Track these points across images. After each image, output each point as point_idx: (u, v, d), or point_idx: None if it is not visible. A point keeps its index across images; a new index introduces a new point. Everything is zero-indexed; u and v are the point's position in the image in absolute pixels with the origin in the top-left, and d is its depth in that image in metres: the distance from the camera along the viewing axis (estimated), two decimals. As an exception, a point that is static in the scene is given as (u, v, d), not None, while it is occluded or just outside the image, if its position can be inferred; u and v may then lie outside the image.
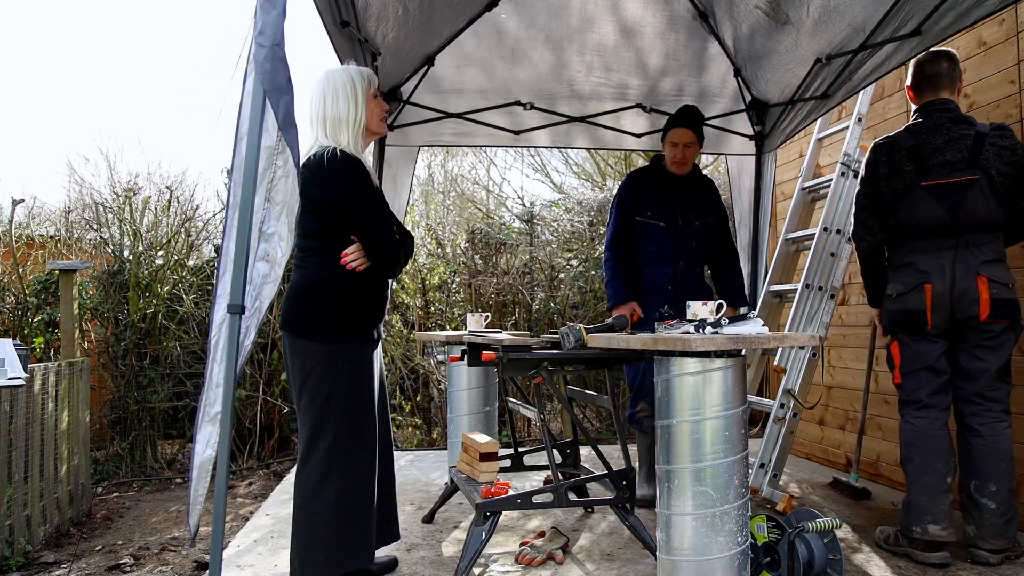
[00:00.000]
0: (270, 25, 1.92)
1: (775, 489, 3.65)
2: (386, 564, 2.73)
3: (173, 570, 3.11)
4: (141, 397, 5.16)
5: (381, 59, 3.33)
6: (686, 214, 3.51)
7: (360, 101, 2.42)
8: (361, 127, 2.43)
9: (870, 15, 3.02)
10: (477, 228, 6.54)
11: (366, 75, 2.46)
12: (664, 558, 2.15)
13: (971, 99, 3.40)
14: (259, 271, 1.99)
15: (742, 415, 2.13)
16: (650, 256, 3.52)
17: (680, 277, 3.48)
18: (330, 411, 2.33)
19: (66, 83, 24.08)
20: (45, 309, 5.18)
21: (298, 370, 2.37)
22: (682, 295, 3.30)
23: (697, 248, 3.53)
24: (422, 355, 5.90)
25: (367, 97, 2.44)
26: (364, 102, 2.43)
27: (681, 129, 3.45)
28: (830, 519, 2.33)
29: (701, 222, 3.53)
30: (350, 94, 2.40)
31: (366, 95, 2.44)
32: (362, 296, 2.41)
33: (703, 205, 3.56)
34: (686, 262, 3.50)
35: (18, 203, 5.57)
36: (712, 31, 3.67)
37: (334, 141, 2.37)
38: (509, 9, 3.57)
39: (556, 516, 3.45)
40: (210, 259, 5.76)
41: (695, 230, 3.51)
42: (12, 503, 3.23)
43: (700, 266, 3.62)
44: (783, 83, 3.75)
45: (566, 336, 2.63)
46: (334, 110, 2.38)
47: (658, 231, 3.49)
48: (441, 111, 4.02)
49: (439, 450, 5.38)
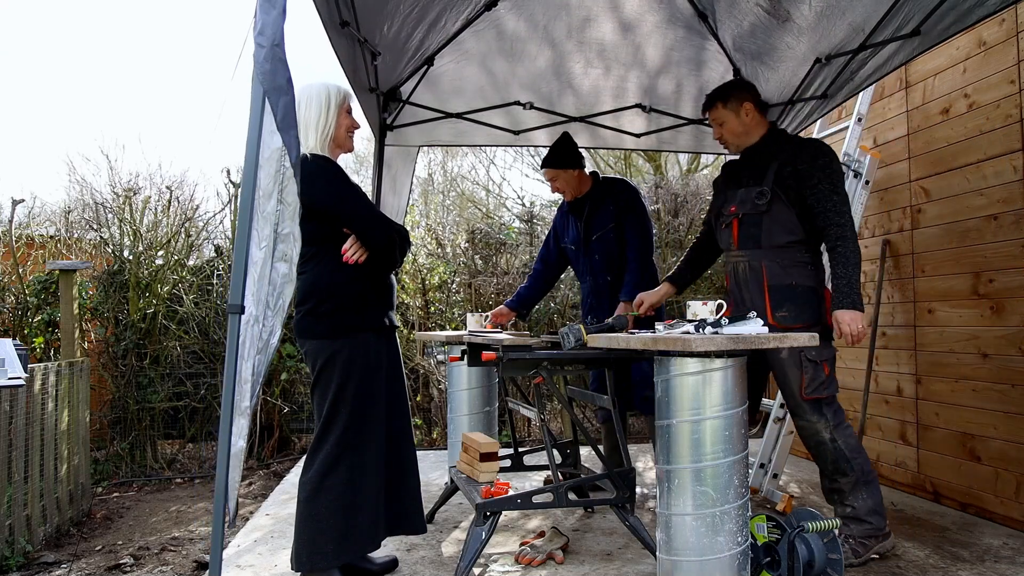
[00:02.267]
0: (270, 25, 1.92)
1: (775, 489, 3.65)
2: (386, 564, 2.73)
3: (173, 570, 3.11)
4: (141, 397, 5.16)
5: (381, 59, 3.33)
6: (588, 233, 3.75)
7: (332, 111, 2.53)
8: (329, 135, 2.53)
9: (870, 14, 3.02)
10: (477, 228, 6.54)
11: (342, 91, 2.58)
12: (664, 558, 2.14)
13: (971, 99, 3.40)
14: (279, 271, 2.02)
15: (742, 415, 2.13)
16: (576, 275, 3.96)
17: (594, 290, 3.74)
18: (338, 405, 2.44)
19: (67, 83, 24.09)
20: (45, 309, 5.18)
21: (311, 369, 2.50)
22: (598, 306, 3.67)
23: (600, 261, 3.72)
24: (422, 355, 5.90)
25: (339, 110, 2.55)
26: (335, 114, 2.53)
27: (544, 170, 3.74)
28: (830, 519, 2.33)
29: (597, 236, 3.71)
30: (322, 103, 2.51)
31: (339, 108, 2.55)
32: (362, 291, 2.51)
33: (599, 219, 3.72)
34: (593, 276, 3.74)
35: (18, 203, 5.58)
36: (711, 31, 3.67)
37: (304, 146, 2.46)
38: (508, 8, 3.57)
39: (556, 516, 3.45)
40: (210, 259, 5.76)
41: (592, 245, 3.72)
42: (12, 503, 3.23)
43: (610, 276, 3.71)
44: (783, 83, 3.75)
45: (566, 336, 2.63)
46: (305, 116, 2.48)
47: (571, 253, 3.85)
48: (440, 111, 4.02)
49: (439, 450, 5.38)
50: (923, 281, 3.71)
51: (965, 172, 3.42)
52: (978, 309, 3.35)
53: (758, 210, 2.81)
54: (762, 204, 2.80)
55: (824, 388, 2.74)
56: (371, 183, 3.99)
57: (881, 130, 4.05)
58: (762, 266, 2.82)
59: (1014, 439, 3.15)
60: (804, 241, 2.80)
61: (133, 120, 20.09)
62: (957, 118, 3.48)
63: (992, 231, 3.27)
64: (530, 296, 3.94)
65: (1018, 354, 3.13)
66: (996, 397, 3.24)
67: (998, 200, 3.23)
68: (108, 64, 26.66)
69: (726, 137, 2.98)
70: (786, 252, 2.80)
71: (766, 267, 2.81)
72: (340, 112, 2.55)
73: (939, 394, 3.59)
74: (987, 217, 3.29)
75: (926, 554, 2.88)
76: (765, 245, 2.82)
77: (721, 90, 2.98)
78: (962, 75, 3.46)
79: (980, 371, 3.33)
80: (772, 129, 2.95)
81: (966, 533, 3.13)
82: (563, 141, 3.72)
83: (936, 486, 3.63)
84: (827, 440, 2.75)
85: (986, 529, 3.17)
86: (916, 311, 3.75)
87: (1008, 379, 3.18)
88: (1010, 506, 3.17)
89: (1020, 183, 3.11)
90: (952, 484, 3.52)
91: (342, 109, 2.56)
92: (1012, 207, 3.15)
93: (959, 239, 3.46)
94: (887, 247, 3.94)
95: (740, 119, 2.92)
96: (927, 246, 3.67)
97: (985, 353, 3.30)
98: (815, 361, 2.73)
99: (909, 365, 3.79)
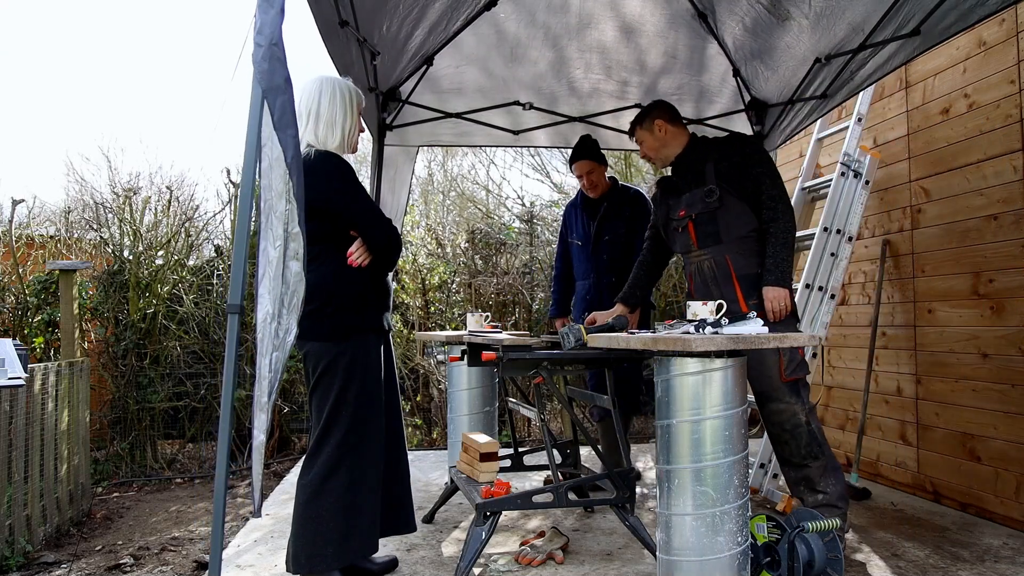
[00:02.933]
0: (268, 24, 1.92)
1: (775, 489, 3.65)
2: (386, 564, 2.73)
3: (173, 570, 3.11)
4: (141, 397, 5.16)
5: (380, 58, 3.33)
6: (600, 232, 3.81)
7: (354, 113, 2.54)
8: (352, 136, 2.54)
9: (870, 14, 3.02)
10: (477, 228, 6.54)
11: (360, 93, 2.59)
12: (664, 558, 2.14)
13: (971, 99, 3.40)
14: (292, 270, 2.03)
15: (742, 415, 2.13)
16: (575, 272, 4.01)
17: (596, 288, 3.81)
18: (340, 408, 2.42)
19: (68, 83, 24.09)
20: (45, 309, 5.17)
21: (310, 371, 2.47)
22: (599, 304, 3.66)
23: (607, 262, 3.79)
24: (422, 355, 5.90)
25: (358, 112, 2.56)
26: (356, 115, 2.55)
27: (579, 162, 3.79)
28: (830, 519, 2.33)
29: (609, 237, 3.79)
30: (347, 103, 2.51)
31: (358, 110, 2.56)
32: (364, 292, 2.49)
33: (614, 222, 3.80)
34: (598, 274, 3.81)
35: (18, 203, 5.57)
36: (711, 31, 3.67)
37: (323, 143, 2.44)
38: (508, 8, 3.56)
39: (556, 516, 3.45)
40: (210, 259, 5.76)
41: (602, 245, 3.80)
42: (12, 503, 3.23)
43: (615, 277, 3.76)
44: (783, 83, 3.75)
45: (566, 336, 2.63)
46: (331, 112, 2.46)
47: (576, 249, 3.93)
48: (440, 111, 4.02)
49: (439, 450, 5.38)
50: (923, 281, 3.71)
51: (965, 172, 3.42)
52: (978, 309, 3.35)
53: (710, 208, 2.96)
54: (712, 201, 2.95)
55: (801, 368, 2.88)
56: (370, 183, 3.99)
57: (881, 130, 4.05)
58: (727, 259, 2.95)
59: (1014, 439, 3.15)
60: (760, 229, 2.93)
61: (133, 120, 20.10)
62: (957, 118, 3.48)
63: (992, 231, 3.27)
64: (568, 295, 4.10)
65: (1018, 354, 3.13)
66: (996, 397, 3.24)
67: (998, 200, 3.23)
68: (109, 64, 26.67)
69: (647, 153, 3.20)
70: (746, 242, 2.94)
71: (731, 259, 2.94)
72: (357, 113, 2.56)
73: (939, 394, 3.59)
74: (987, 217, 3.29)
75: (926, 554, 2.88)
76: (725, 239, 2.95)
77: (637, 116, 3.21)
78: (962, 75, 3.46)
79: (980, 371, 3.33)
80: (693, 137, 3.16)
81: (966, 533, 3.13)
82: (592, 139, 3.84)
83: (936, 486, 3.63)
84: (803, 422, 2.84)
85: (986, 529, 3.17)
86: (916, 311, 3.75)
87: (1008, 379, 3.18)
88: (1010, 506, 3.17)
89: (1020, 183, 3.11)
90: (952, 484, 3.52)
91: (358, 110, 2.57)
92: (1012, 207, 3.15)
93: (959, 239, 3.46)
94: (887, 247, 3.94)
95: (655, 135, 3.13)
96: (927, 246, 3.67)
97: (985, 353, 3.30)
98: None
99: (909, 365, 3.79)
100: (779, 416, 2.87)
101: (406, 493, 2.71)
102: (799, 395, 2.86)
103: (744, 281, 2.92)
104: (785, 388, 2.84)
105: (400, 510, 2.66)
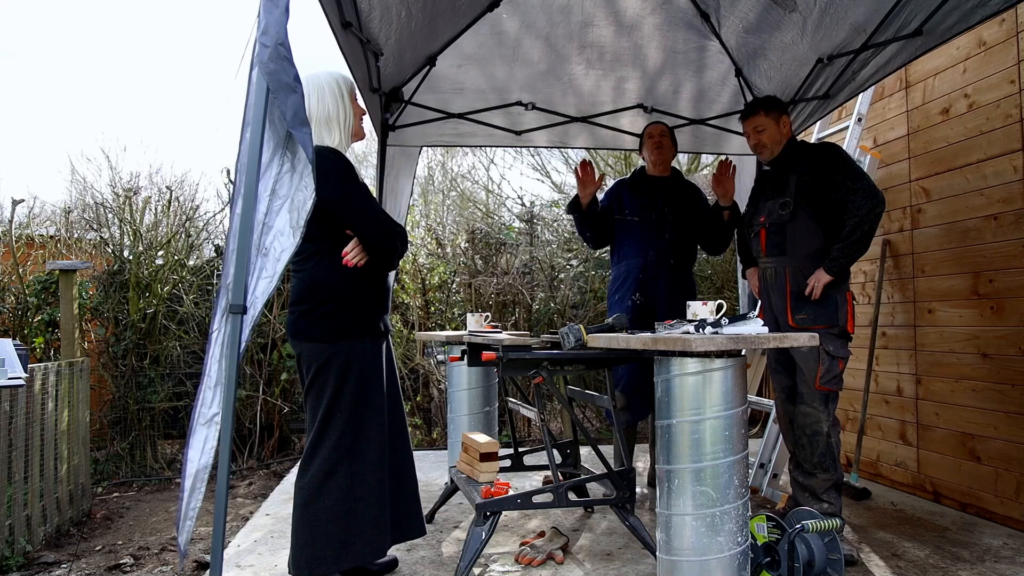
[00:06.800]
0: (273, 24, 1.92)
1: (775, 489, 3.65)
2: (386, 564, 2.73)
3: (173, 570, 3.11)
4: (141, 397, 5.16)
5: (383, 59, 3.33)
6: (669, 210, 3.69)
7: (346, 102, 2.48)
8: (351, 127, 2.49)
9: (872, 14, 3.02)
10: (477, 228, 6.54)
11: (347, 78, 2.53)
12: (664, 558, 2.14)
13: (971, 99, 3.40)
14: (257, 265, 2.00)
15: (742, 415, 2.13)
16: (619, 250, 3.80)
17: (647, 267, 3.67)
18: (335, 409, 2.36)
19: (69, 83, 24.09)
20: (45, 309, 5.18)
21: (305, 371, 2.41)
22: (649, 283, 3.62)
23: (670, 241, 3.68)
24: (422, 355, 5.90)
25: (351, 98, 2.50)
26: (349, 103, 2.49)
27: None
28: (830, 519, 2.33)
29: (677, 217, 3.70)
30: (336, 93, 2.45)
31: (350, 96, 2.50)
32: (362, 293, 2.43)
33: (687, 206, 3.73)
34: (658, 253, 3.67)
35: (18, 203, 5.57)
36: (713, 30, 3.67)
37: (320, 140, 2.41)
38: (510, 9, 3.57)
39: (556, 516, 3.45)
40: (210, 259, 5.76)
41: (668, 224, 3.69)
42: (12, 503, 3.23)
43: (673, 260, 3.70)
44: (784, 83, 3.75)
45: (566, 336, 2.63)
46: (321, 110, 2.42)
47: (628, 224, 3.74)
48: (442, 111, 4.02)
49: (439, 450, 5.38)
50: (923, 281, 3.71)
51: (965, 172, 3.43)
52: (978, 309, 3.35)
53: (782, 219, 3.00)
54: (785, 214, 2.99)
55: (835, 382, 2.91)
56: (373, 183, 3.99)
57: (881, 130, 4.05)
58: (786, 272, 3.00)
59: (1014, 439, 3.15)
60: (826, 248, 2.93)
61: (134, 120, 20.10)
62: (957, 118, 3.48)
63: (992, 231, 3.27)
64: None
65: (1018, 354, 3.13)
66: (996, 397, 3.24)
67: (998, 200, 3.23)
68: (110, 64, 26.67)
69: (764, 142, 3.10)
70: (809, 260, 2.96)
71: (790, 273, 2.99)
72: (351, 101, 2.50)
73: (939, 394, 3.59)
74: (987, 217, 3.30)
75: (926, 554, 2.88)
76: (790, 253, 3.00)
77: (763, 100, 3.15)
78: (962, 75, 3.46)
79: (980, 371, 3.33)
80: (791, 141, 3.12)
81: (966, 533, 3.13)
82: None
83: (936, 486, 3.63)
84: (824, 432, 2.90)
85: (986, 529, 3.17)
86: (916, 311, 3.75)
87: (1008, 379, 3.18)
88: (1010, 506, 3.17)
89: (1020, 183, 3.11)
90: (952, 484, 3.52)
91: (352, 97, 2.51)
92: (1012, 207, 3.15)
93: (959, 239, 3.46)
94: (887, 247, 3.94)
95: (780, 129, 3.09)
96: (927, 246, 3.68)
97: (985, 353, 3.31)
98: (833, 356, 2.89)
99: (909, 365, 3.80)
100: (804, 419, 2.94)
101: (413, 496, 2.66)
102: (827, 406, 2.92)
103: (796, 298, 2.96)
104: (817, 395, 2.91)
105: (407, 514, 2.62)
